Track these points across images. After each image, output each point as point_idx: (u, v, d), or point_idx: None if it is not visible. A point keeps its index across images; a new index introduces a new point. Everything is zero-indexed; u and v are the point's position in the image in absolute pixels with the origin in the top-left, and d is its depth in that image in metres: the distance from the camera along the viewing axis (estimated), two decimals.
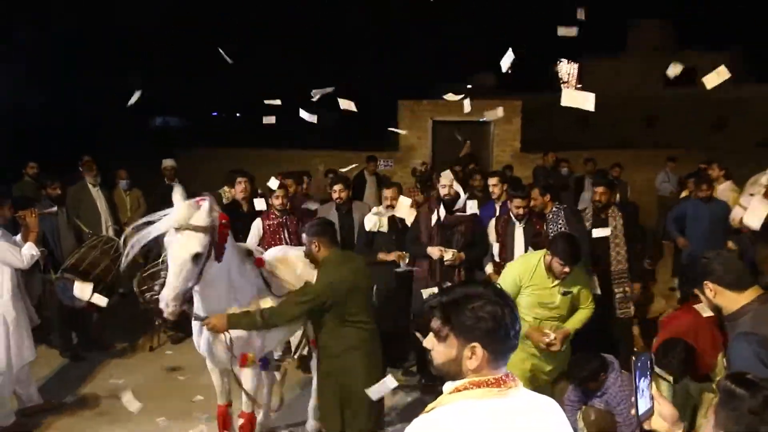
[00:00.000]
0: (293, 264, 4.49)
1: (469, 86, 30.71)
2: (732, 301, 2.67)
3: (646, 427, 1.94)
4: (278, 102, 5.90)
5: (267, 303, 4.05)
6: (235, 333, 3.96)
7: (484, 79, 30.77)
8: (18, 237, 5.19)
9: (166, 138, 22.72)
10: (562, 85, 34.17)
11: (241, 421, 4.31)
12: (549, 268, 4.35)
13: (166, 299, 3.53)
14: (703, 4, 27.18)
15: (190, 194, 3.86)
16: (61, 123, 15.42)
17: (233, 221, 4.19)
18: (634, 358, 1.92)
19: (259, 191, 6.97)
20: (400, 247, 5.64)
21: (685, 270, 6.66)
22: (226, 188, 7.29)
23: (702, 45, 25.38)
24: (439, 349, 1.79)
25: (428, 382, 5.56)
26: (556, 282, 4.37)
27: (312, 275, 4.14)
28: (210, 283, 3.79)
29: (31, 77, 15.70)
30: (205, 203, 3.67)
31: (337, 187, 6.13)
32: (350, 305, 3.98)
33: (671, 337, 4.09)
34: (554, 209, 5.79)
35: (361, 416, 4.03)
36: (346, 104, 5.69)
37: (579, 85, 31.61)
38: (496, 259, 5.67)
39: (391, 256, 5.59)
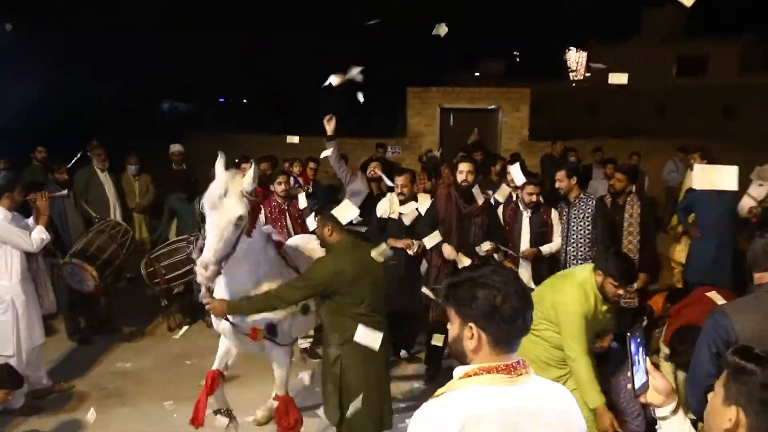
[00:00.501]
0: (317, 252, 4.47)
1: (477, 74, 30.60)
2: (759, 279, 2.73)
3: (641, 400, 1.97)
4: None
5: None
6: (258, 317, 4.01)
7: (492, 67, 30.62)
8: (30, 220, 5.23)
9: (174, 123, 22.75)
10: (570, 74, 33.97)
11: (275, 403, 4.39)
12: (601, 289, 3.71)
13: (206, 261, 3.60)
14: None
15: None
16: (69, 108, 15.45)
17: None
18: (629, 333, 1.94)
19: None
20: (410, 232, 5.61)
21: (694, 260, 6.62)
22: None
23: (714, 32, 25.12)
24: (449, 327, 1.83)
25: (433, 372, 5.59)
26: (608, 306, 3.80)
27: None
28: (237, 261, 3.84)
29: (40, 62, 15.73)
30: (250, 171, 3.81)
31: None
32: (354, 295, 3.92)
33: (684, 326, 4.08)
34: (582, 196, 5.65)
35: (360, 412, 3.89)
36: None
37: (588, 74, 31.42)
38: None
39: (400, 244, 5.55)
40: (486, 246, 5.22)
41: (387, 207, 5.83)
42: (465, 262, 5.08)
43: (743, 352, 1.75)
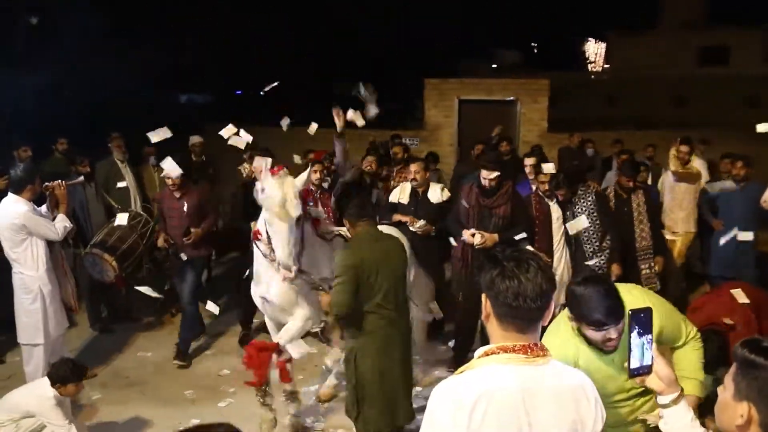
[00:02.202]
0: None
1: (494, 65, 30.41)
2: None
3: (638, 382, 1.97)
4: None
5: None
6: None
7: (509, 57, 30.40)
8: (44, 208, 5.26)
9: (192, 115, 22.87)
10: (589, 65, 33.63)
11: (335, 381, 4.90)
12: (584, 337, 2.56)
13: (285, 263, 3.97)
14: None
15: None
16: (89, 99, 15.58)
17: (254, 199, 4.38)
18: (630, 312, 1.92)
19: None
20: (416, 215, 6.00)
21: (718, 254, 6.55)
22: (245, 165, 7.33)
23: (735, 21, 24.69)
24: None
25: (460, 360, 5.59)
26: (610, 352, 2.58)
27: None
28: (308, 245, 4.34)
29: (60, 54, 15.89)
30: (304, 173, 4.23)
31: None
32: (372, 285, 3.87)
33: (705, 324, 4.02)
34: (580, 192, 5.73)
35: (374, 406, 3.90)
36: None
37: (606, 65, 31.09)
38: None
39: (404, 218, 5.98)
40: (477, 239, 5.26)
41: (398, 193, 6.26)
42: (477, 238, 5.22)
43: (752, 345, 1.66)
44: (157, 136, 5.38)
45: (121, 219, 6.11)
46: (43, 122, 12.01)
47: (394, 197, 6.29)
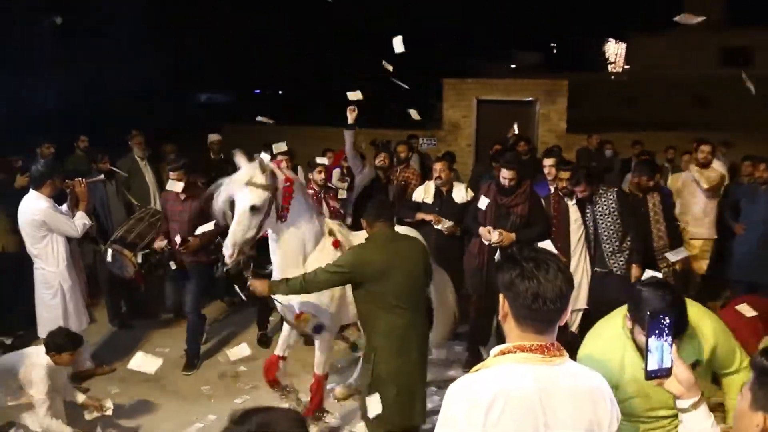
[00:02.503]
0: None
1: (513, 65, 30.29)
2: None
3: (654, 384, 1.92)
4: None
5: None
6: (297, 300, 4.27)
7: (528, 58, 30.25)
8: (64, 206, 5.34)
9: (211, 114, 23.03)
10: (608, 66, 33.34)
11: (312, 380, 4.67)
12: (634, 340, 2.56)
13: (228, 245, 4.00)
14: None
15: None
16: (110, 97, 15.77)
17: None
18: (649, 313, 1.88)
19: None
20: (441, 215, 5.96)
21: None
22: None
23: (758, 21, 24.33)
24: None
25: (474, 359, 5.60)
26: None
27: None
28: (281, 243, 4.29)
29: (81, 52, 16.10)
30: (270, 165, 4.14)
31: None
32: (384, 286, 3.84)
33: None
34: (601, 191, 5.69)
35: (389, 406, 3.85)
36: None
37: (626, 66, 30.81)
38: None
39: (429, 217, 5.95)
40: (494, 237, 5.25)
41: (422, 192, 6.22)
42: (494, 236, 5.21)
43: None
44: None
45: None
46: (64, 120, 12.17)
47: (418, 196, 6.29)
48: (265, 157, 4.18)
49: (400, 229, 4.49)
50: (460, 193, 6.10)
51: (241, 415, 1.47)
